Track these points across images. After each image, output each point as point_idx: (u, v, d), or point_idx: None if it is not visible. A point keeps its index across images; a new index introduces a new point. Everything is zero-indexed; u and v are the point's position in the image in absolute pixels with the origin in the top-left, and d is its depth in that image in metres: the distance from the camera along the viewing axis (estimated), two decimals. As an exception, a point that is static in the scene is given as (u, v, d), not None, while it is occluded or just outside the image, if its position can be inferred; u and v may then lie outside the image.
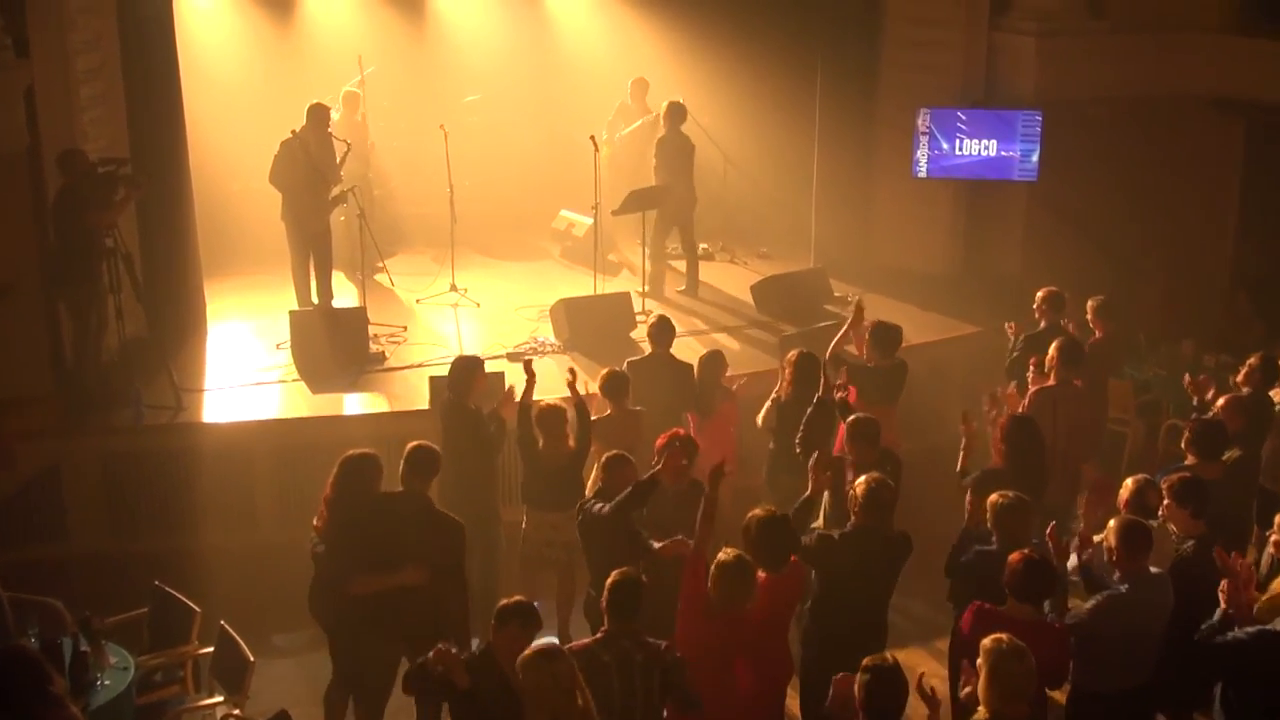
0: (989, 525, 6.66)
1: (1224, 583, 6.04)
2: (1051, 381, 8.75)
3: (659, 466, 7.25)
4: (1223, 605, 6.02)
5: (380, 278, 12.74)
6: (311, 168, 11.53)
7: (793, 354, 8.86)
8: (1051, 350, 8.79)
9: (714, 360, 9.33)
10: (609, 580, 5.98)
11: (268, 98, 13.63)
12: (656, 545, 6.89)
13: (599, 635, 5.97)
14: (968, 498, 7.26)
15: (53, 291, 9.98)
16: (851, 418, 7.81)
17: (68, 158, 9.73)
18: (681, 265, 13.22)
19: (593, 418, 8.51)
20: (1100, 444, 9.89)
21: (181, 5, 12.39)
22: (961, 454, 7.91)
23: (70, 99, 10.26)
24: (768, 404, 8.94)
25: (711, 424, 9.20)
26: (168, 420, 9.91)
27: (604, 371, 8.81)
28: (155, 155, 10.88)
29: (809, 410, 7.94)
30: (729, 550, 6.13)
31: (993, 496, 6.64)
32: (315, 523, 7.12)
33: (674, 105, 12.63)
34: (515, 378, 9.80)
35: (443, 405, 8.72)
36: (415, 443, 7.23)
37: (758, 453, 9.18)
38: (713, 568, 6.06)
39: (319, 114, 11.87)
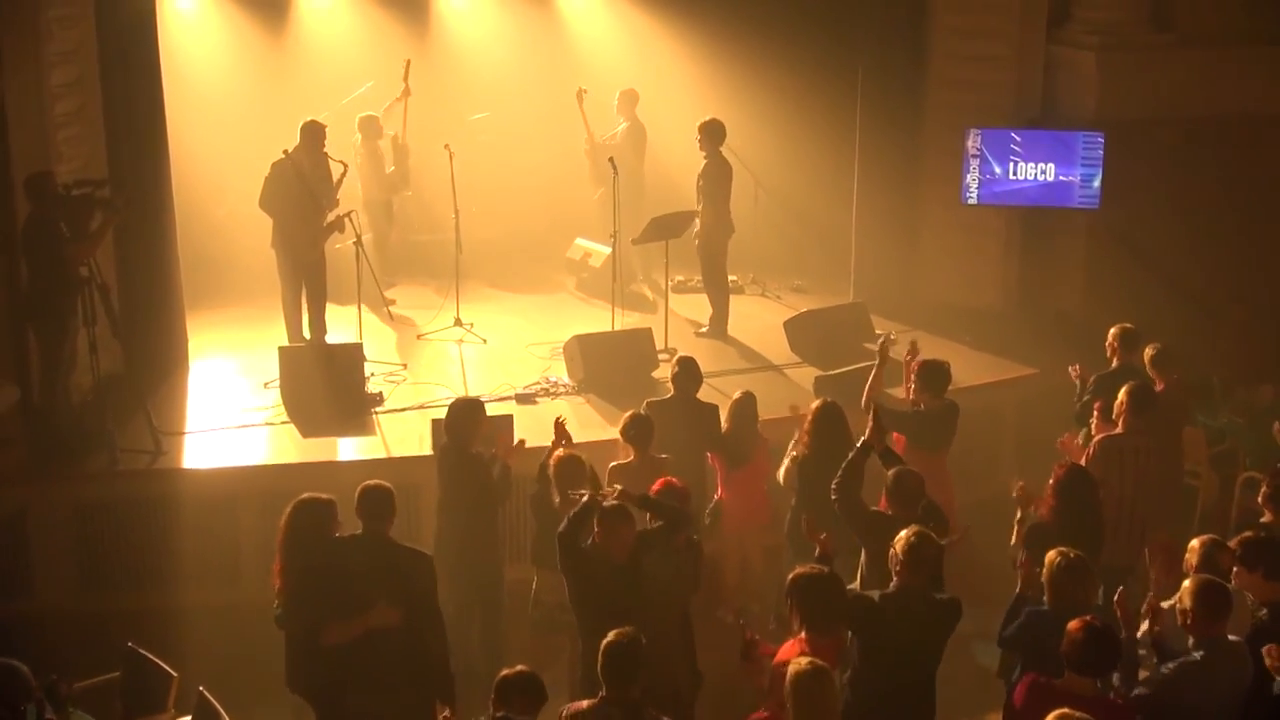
0: (1044, 584, 6.59)
1: None
2: (1119, 430, 8.67)
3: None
4: None
5: (387, 309, 12.82)
6: (305, 191, 11.57)
7: (815, 403, 8.84)
8: (1120, 395, 8.71)
9: (747, 404, 9.29)
10: (604, 641, 6.03)
11: (259, 114, 13.76)
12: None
13: (595, 700, 6.03)
14: (1020, 558, 7.19)
15: (21, 325, 10.01)
16: (891, 472, 7.72)
17: (35, 182, 9.79)
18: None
19: (611, 464, 8.49)
20: (1175, 505, 9.79)
21: (166, 14, 12.50)
22: (1016, 527, 7.83)
23: (44, 115, 10.36)
24: (786, 460, 8.90)
25: (743, 475, 9.16)
26: (145, 465, 9.90)
27: (626, 415, 8.78)
28: (135, 176, 10.92)
29: (851, 454, 7.84)
30: (801, 660, 5.85)
31: (1050, 554, 6.58)
32: (275, 581, 7.13)
33: (711, 124, 12.48)
34: (524, 421, 9.85)
35: (441, 451, 8.72)
36: (367, 483, 7.24)
37: (785, 506, 9.15)
38: (788, 685, 5.76)
39: (313, 132, 11.92)
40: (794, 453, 8.83)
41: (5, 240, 9.93)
